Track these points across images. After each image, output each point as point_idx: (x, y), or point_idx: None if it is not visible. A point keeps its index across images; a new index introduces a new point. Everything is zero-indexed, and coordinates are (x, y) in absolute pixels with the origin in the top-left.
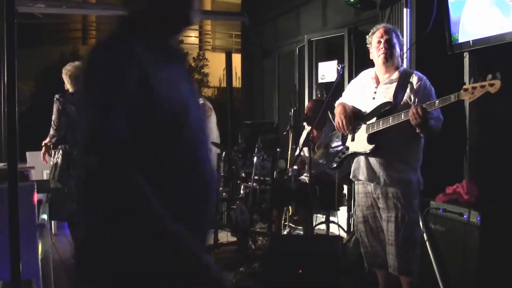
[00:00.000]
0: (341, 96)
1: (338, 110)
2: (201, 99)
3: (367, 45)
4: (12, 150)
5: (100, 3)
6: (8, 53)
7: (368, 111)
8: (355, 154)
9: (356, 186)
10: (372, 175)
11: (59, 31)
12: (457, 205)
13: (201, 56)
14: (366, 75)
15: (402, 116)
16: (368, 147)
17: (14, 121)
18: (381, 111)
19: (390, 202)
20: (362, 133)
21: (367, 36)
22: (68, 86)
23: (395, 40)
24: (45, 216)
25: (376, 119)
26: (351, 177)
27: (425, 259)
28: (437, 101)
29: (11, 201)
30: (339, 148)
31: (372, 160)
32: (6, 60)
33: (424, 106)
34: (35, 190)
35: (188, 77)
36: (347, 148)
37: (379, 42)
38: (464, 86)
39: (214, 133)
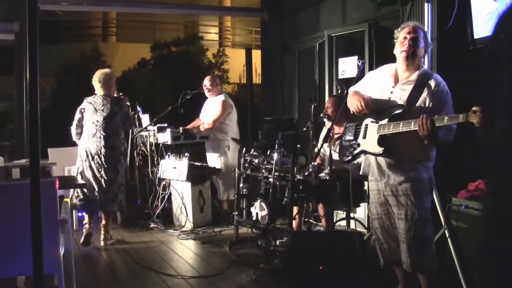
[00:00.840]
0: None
1: (353, 96)
2: (222, 95)
3: (394, 40)
4: (35, 147)
5: (120, 0)
6: (30, 51)
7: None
8: (366, 153)
9: (369, 183)
10: (381, 174)
11: (79, 28)
12: (479, 201)
13: (221, 52)
14: (385, 71)
15: (412, 125)
16: (378, 149)
17: (36, 118)
18: (393, 114)
19: (401, 199)
20: (373, 133)
21: (395, 31)
22: (98, 90)
23: (421, 40)
24: (66, 212)
25: (388, 121)
26: (360, 173)
27: (446, 256)
28: (446, 118)
29: (33, 196)
30: (352, 143)
31: (381, 160)
32: (28, 57)
33: (433, 119)
34: (57, 186)
35: None
36: (358, 145)
37: (405, 38)
38: (473, 108)
39: (234, 130)
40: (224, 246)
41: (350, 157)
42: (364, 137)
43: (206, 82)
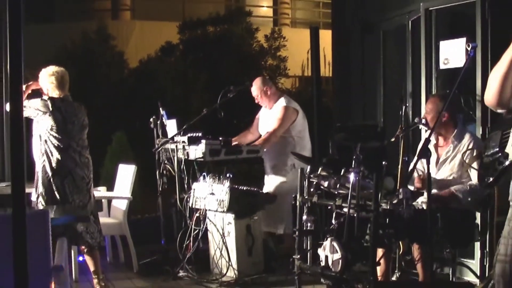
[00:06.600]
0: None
1: None
2: (282, 100)
3: None
4: (18, 166)
5: None
6: (12, 32)
7: None
8: None
9: (511, 210)
10: None
11: (80, 1)
12: None
13: (277, 33)
14: None
15: None
16: None
17: (20, 126)
18: None
19: None
20: None
21: None
22: (56, 90)
23: None
24: (63, 256)
25: None
26: (510, 198)
27: None
28: None
29: (17, 235)
30: (497, 156)
31: None
32: (9, 42)
33: None
34: (50, 220)
35: None
36: (506, 156)
37: None
38: None
39: (301, 143)
40: None
41: (493, 177)
42: None
43: (253, 92)
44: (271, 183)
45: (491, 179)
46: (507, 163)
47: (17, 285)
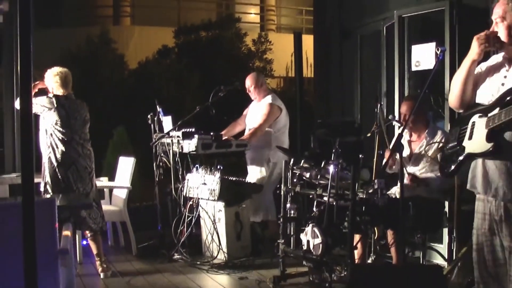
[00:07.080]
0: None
1: None
2: (269, 97)
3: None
4: (27, 157)
5: None
6: (22, 36)
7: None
8: (472, 157)
9: (476, 203)
10: (487, 185)
11: (84, 8)
12: None
13: (263, 38)
14: (498, 55)
15: None
16: (485, 147)
17: (29, 121)
18: (506, 100)
19: None
20: (481, 129)
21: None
22: (60, 89)
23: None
24: (68, 240)
25: (499, 110)
26: (468, 187)
27: None
28: None
29: (26, 221)
30: (455, 149)
31: (490, 164)
32: (20, 44)
33: None
34: (56, 207)
35: None
36: (463, 149)
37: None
38: None
39: (280, 138)
40: (266, 282)
41: (453, 168)
42: (470, 138)
43: (247, 83)
44: (254, 174)
45: (452, 167)
46: (462, 156)
47: (26, 267)
